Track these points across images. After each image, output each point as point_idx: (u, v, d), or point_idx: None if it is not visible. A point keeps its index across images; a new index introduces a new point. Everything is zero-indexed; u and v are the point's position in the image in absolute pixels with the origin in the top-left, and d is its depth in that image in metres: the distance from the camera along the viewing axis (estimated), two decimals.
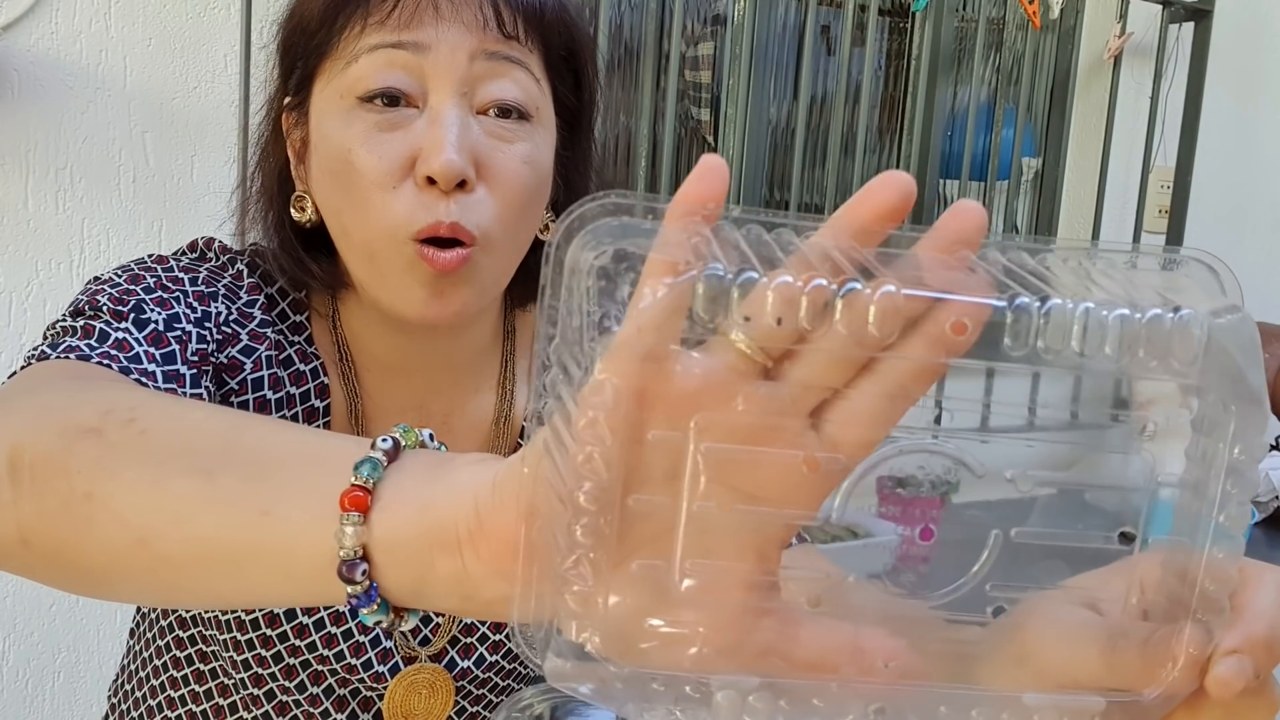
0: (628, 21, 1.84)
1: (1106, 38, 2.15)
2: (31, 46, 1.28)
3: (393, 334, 0.71)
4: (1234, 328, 0.33)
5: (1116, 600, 0.37)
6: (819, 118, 2.08)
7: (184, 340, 0.62)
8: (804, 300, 0.29)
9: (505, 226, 0.64)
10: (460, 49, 0.62)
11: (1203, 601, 0.35)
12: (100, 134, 1.33)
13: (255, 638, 0.70)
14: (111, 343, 0.59)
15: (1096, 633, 0.37)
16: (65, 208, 1.32)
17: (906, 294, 0.30)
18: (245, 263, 0.71)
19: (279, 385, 0.68)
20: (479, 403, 0.78)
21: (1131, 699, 0.35)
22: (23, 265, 1.31)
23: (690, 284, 0.29)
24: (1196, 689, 0.35)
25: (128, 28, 1.33)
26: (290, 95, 0.68)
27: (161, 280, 0.65)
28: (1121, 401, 0.45)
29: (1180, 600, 0.35)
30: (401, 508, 0.36)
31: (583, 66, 0.71)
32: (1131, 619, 0.37)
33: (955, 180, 2.14)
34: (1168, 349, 0.32)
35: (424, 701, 0.72)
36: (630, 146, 1.86)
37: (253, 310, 0.68)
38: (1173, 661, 0.35)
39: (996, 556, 0.38)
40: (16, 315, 1.31)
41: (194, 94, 1.38)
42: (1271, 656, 0.35)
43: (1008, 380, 0.42)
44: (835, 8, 2.04)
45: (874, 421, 0.33)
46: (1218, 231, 2.46)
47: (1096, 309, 0.32)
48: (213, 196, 1.40)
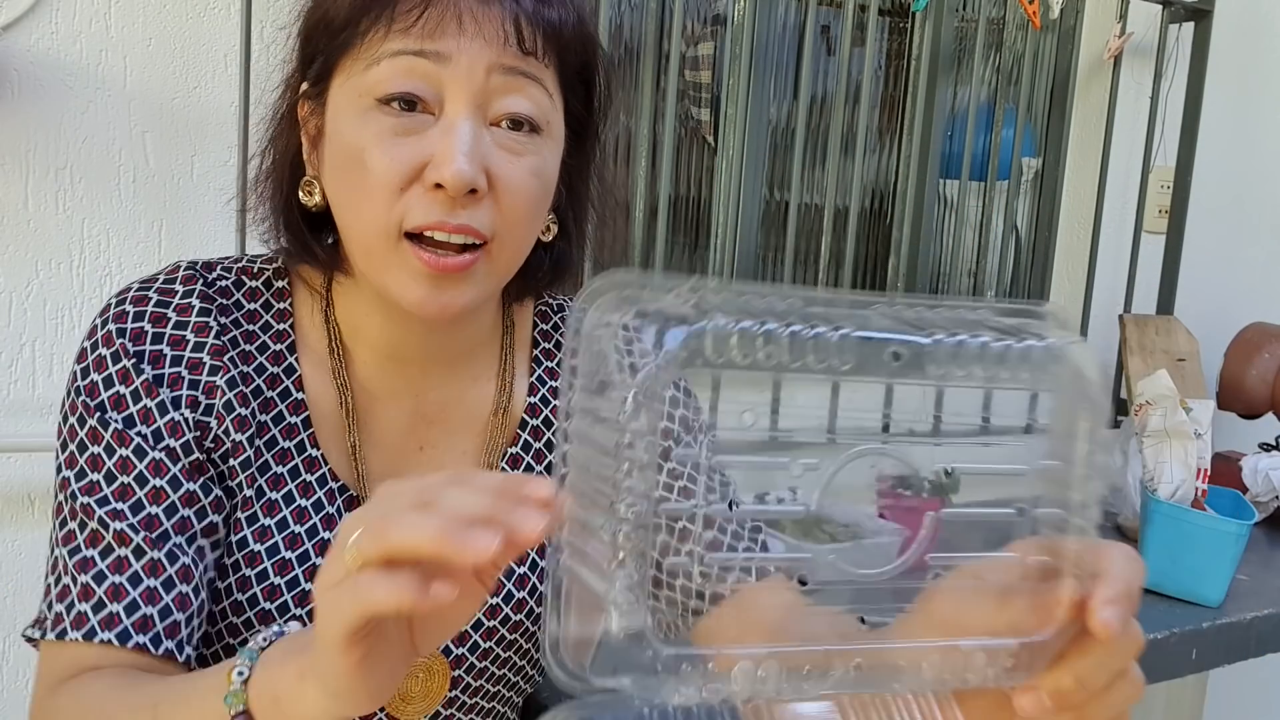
0: (628, 21, 1.84)
1: (1106, 38, 2.15)
2: (31, 46, 1.28)
3: (392, 322, 0.74)
4: (1078, 350, 0.47)
5: (1006, 569, 0.50)
6: (819, 118, 2.08)
7: (164, 493, 0.68)
8: None
9: (511, 232, 0.67)
10: (479, 62, 0.64)
11: (1074, 564, 0.47)
12: (100, 134, 1.33)
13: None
14: (109, 577, 0.67)
15: (990, 594, 0.49)
16: (65, 208, 1.32)
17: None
18: (208, 280, 0.74)
19: (246, 401, 0.72)
20: (477, 393, 0.80)
21: (1034, 639, 0.47)
22: (23, 265, 1.31)
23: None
24: (1084, 634, 0.47)
25: (128, 28, 1.33)
26: (309, 84, 0.71)
27: (116, 430, 0.69)
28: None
29: (1055, 564, 0.48)
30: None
31: (594, 80, 0.73)
32: (1019, 580, 0.49)
33: (955, 180, 2.14)
34: (1030, 367, 0.46)
35: (420, 685, 0.75)
36: (630, 146, 1.86)
37: (205, 339, 0.71)
38: (1058, 607, 0.47)
39: (931, 533, 0.51)
40: (16, 315, 1.31)
41: (194, 94, 1.38)
42: (1131, 605, 0.47)
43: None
44: (835, 8, 2.04)
45: None
46: (1217, 231, 2.46)
47: (972, 340, 0.45)
48: (213, 196, 1.40)
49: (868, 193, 2.18)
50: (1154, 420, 1.69)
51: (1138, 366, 2.13)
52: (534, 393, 0.82)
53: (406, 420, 0.78)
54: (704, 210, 1.98)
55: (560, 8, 0.68)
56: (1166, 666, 1.47)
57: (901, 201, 2.17)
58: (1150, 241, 2.28)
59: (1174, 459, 1.64)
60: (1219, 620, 1.52)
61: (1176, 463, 1.64)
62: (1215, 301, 2.47)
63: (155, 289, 0.72)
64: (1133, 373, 2.12)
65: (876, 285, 2.22)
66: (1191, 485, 1.63)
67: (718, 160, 1.95)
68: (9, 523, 1.35)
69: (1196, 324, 2.29)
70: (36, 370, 1.33)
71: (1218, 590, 1.56)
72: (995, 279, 2.36)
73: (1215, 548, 1.55)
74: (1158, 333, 2.21)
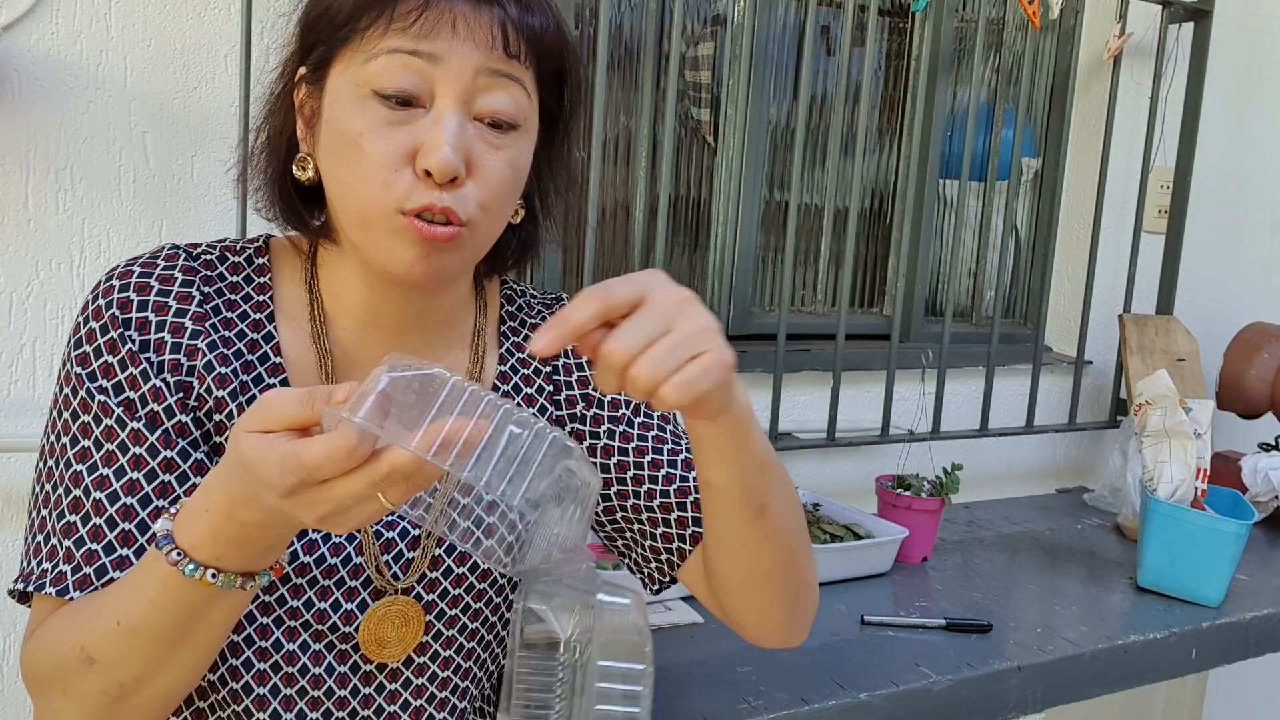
0: (628, 21, 1.84)
1: (1106, 38, 2.15)
2: (31, 47, 1.28)
3: (373, 290, 0.81)
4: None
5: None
6: (819, 118, 2.08)
7: (144, 460, 0.74)
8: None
9: (487, 215, 0.75)
10: (468, 63, 0.72)
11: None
12: (100, 134, 1.33)
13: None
14: (87, 544, 0.73)
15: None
16: (65, 208, 1.32)
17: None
18: (192, 254, 0.80)
19: (227, 361, 0.78)
20: (451, 359, 0.87)
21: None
22: (23, 265, 1.31)
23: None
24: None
25: (128, 28, 1.33)
26: (308, 69, 0.77)
27: (102, 401, 0.74)
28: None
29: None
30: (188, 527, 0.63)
31: (567, 81, 0.81)
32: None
33: (955, 180, 2.14)
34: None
35: (396, 630, 0.81)
36: (630, 146, 1.86)
37: (187, 306, 0.77)
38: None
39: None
40: (17, 315, 1.31)
41: (194, 94, 1.38)
42: (563, 327, 0.60)
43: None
44: (835, 8, 2.04)
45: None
46: (1217, 231, 2.46)
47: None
48: (213, 196, 1.40)
49: (868, 193, 2.18)
50: (1154, 420, 1.69)
51: (1137, 366, 2.13)
52: (503, 362, 0.90)
53: None
54: (704, 210, 1.98)
55: (542, 15, 0.75)
56: (1166, 666, 1.48)
57: (901, 201, 2.17)
58: (1150, 241, 2.28)
59: (1174, 459, 1.64)
60: (1218, 620, 1.52)
61: (1176, 463, 1.64)
62: (1215, 301, 2.47)
63: (140, 263, 0.78)
64: (1132, 373, 2.12)
65: (876, 285, 2.23)
66: (1191, 485, 1.63)
67: (718, 160, 1.95)
68: (9, 523, 1.35)
69: (1196, 324, 2.29)
70: (37, 370, 1.33)
71: (1217, 590, 1.56)
72: (995, 279, 2.36)
73: (1215, 548, 1.55)
74: (1157, 333, 2.21)
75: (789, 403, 1.93)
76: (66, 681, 0.67)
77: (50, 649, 0.69)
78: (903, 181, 2.16)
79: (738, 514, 0.77)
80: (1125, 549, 1.84)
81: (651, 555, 0.91)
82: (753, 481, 0.75)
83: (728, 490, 0.76)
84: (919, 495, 1.69)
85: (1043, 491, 2.27)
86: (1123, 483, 1.96)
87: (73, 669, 0.67)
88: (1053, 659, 1.35)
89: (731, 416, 0.69)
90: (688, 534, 0.88)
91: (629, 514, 0.90)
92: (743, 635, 0.89)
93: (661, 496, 0.88)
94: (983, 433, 2.09)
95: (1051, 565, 1.73)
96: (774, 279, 2.06)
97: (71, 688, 0.67)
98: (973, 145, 2.02)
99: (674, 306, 0.62)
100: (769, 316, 2.01)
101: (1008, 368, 2.19)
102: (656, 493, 0.88)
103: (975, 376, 2.14)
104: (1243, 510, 1.62)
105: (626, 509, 0.90)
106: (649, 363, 0.59)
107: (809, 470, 1.99)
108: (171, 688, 0.68)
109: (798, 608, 0.87)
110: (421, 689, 0.83)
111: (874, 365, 1.98)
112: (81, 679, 0.67)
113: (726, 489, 0.76)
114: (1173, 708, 2.45)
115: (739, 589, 0.84)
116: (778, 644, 0.89)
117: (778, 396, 1.80)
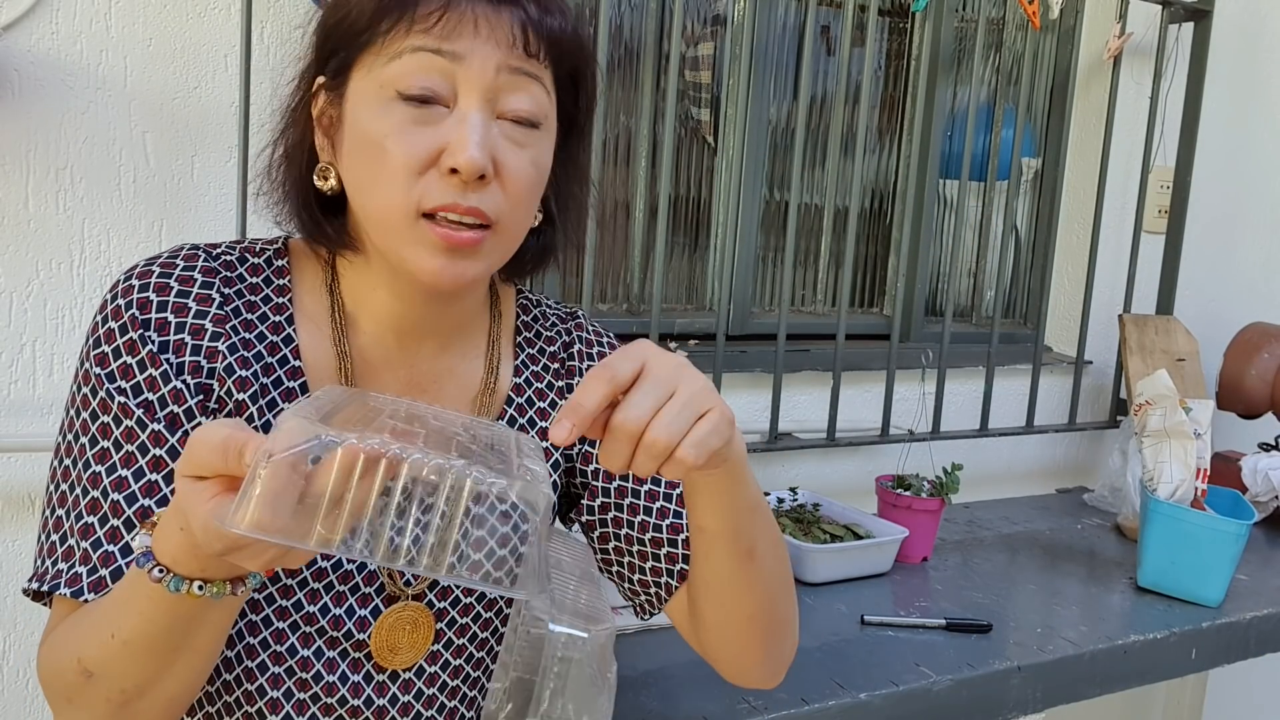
0: (628, 21, 1.84)
1: (1106, 38, 2.15)
2: (31, 47, 1.28)
3: (396, 296, 0.81)
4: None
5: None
6: (819, 118, 2.08)
7: (164, 461, 0.73)
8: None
9: (514, 215, 0.75)
10: (490, 62, 0.72)
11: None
12: (100, 134, 1.33)
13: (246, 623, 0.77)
14: (104, 546, 0.72)
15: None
16: (66, 208, 1.32)
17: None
18: (212, 255, 0.80)
19: (248, 364, 0.77)
20: (466, 368, 0.87)
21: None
22: (23, 265, 1.31)
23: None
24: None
25: (128, 28, 1.33)
26: (327, 77, 0.77)
27: (122, 402, 0.74)
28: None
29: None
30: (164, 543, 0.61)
31: (584, 82, 0.81)
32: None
33: (955, 180, 2.14)
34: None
35: (407, 636, 0.81)
36: (630, 146, 1.86)
37: (207, 308, 0.77)
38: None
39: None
40: (17, 315, 1.31)
41: (194, 94, 1.38)
42: (578, 412, 0.62)
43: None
44: (835, 8, 2.04)
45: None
46: (1217, 231, 2.46)
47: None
48: (213, 196, 1.40)
49: (868, 193, 2.18)
50: (1154, 420, 1.69)
51: (1137, 366, 2.13)
52: (519, 374, 0.90)
53: (400, 388, 0.83)
54: (704, 210, 1.98)
55: (560, 16, 0.76)
56: (1166, 666, 1.48)
57: (901, 201, 2.17)
58: (1150, 241, 2.28)
59: (1174, 459, 1.64)
60: (1218, 620, 1.52)
61: (1176, 463, 1.64)
62: (1215, 301, 2.47)
63: (160, 263, 0.77)
64: (1132, 373, 2.12)
65: (876, 285, 2.23)
66: (1191, 485, 1.63)
67: (718, 160, 1.95)
68: (9, 522, 1.35)
69: (1196, 324, 2.29)
70: (37, 370, 1.33)
71: (1217, 590, 1.56)
72: (995, 279, 2.36)
73: (1215, 548, 1.55)
74: (1157, 332, 2.21)
75: (789, 403, 1.93)
76: (70, 693, 0.68)
77: (53, 660, 0.70)
78: (903, 181, 2.16)
79: (727, 557, 0.78)
80: (1125, 549, 1.84)
81: (641, 589, 0.92)
82: (744, 524, 0.77)
83: (719, 534, 0.77)
84: (919, 495, 1.69)
85: (1043, 491, 2.27)
86: (1123, 483, 1.96)
87: (73, 681, 0.67)
88: (1053, 659, 1.35)
89: (730, 465, 0.71)
90: (676, 570, 0.89)
91: (621, 544, 0.90)
92: (720, 673, 0.89)
93: (654, 530, 0.89)
94: (983, 433, 2.09)
95: (1051, 565, 1.73)
96: (774, 279, 2.06)
97: (75, 698, 0.68)
98: (973, 145, 2.02)
99: (673, 371, 0.64)
100: (769, 316, 2.01)
101: (1008, 368, 2.19)
102: (649, 525, 0.89)
103: (975, 376, 2.14)
104: (1243, 510, 1.62)
105: (620, 538, 0.90)
106: (662, 426, 0.62)
107: (809, 470, 1.99)
108: (177, 691, 0.68)
109: (777, 650, 0.88)
110: (432, 699, 0.83)
111: (874, 365, 1.98)
112: (83, 690, 0.67)
113: (719, 533, 0.77)
114: (1173, 708, 2.45)
115: (721, 630, 0.85)
116: (754, 684, 0.89)
117: (778, 396, 1.80)
